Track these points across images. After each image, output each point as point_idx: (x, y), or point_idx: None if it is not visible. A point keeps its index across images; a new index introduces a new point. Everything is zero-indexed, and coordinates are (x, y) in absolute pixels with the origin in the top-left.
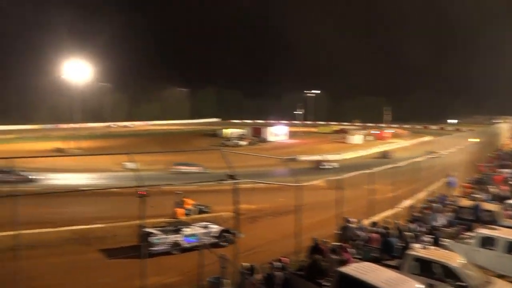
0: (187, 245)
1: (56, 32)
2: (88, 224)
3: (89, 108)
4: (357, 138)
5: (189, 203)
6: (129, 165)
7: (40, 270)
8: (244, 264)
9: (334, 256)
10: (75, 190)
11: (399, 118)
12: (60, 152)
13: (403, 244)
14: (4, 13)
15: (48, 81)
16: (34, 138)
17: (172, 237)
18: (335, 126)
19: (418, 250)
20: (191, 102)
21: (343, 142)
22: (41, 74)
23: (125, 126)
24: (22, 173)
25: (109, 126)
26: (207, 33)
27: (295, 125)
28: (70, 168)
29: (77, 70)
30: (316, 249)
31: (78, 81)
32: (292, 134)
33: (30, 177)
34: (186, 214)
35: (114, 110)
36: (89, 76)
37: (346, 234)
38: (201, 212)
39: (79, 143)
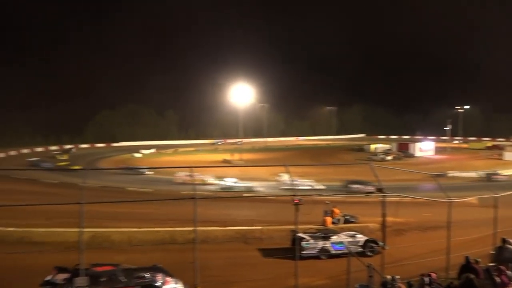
0: (334, 252)
1: (225, 60)
2: (249, 226)
3: (250, 125)
4: None
5: (337, 212)
6: (284, 176)
7: (211, 262)
8: (386, 276)
9: (493, 278)
10: (239, 196)
11: None
12: (227, 163)
13: None
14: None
15: (219, 103)
16: (207, 150)
17: (321, 243)
18: (488, 142)
19: None
20: (338, 119)
21: (498, 159)
22: (213, 97)
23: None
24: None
25: (265, 141)
26: (353, 54)
27: (443, 141)
28: (234, 176)
29: (241, 93)
30: (468, 268)
31: (242, 103)
32: (440, 150)
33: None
34: (334, 223)
35: (270, 127)
36: (251, 98)
37: (502, 256)
38: (347, 222)
39: (242, 155)
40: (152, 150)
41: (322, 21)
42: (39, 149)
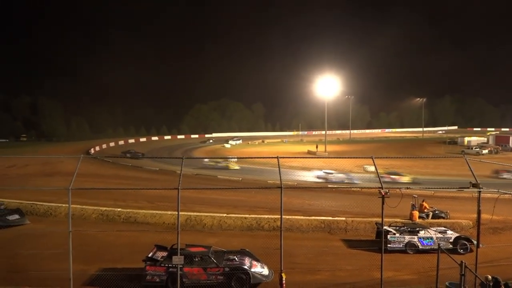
0: (422, 247)
1: (310, 54)
2: (333, 216)
3: (336, 117)
4: None
5: (426, 207)
6: (370, 168)
7: (295, 249)
8: (488, 276)
9: None
10: (324, 187)
11: None
12: (311, 154)
13: None
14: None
15: (304, 95)
16: (293, 142)
17: (408, 237)
18: None
19: None
20: (428, 110)
21: None
22: (299, 90)
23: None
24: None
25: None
26: (444, 42)
27: None
28: (319, 167)
29: (327, 85)
30: None
31: (327, 95)
32: None
33: None
34: (422, 218)
35: (356, 119)
36: (336, 90)
37: None
38: (436, 217)
39: (327, 147)
40: (239, 141)
41: (408, 10)
42: (143, 139)
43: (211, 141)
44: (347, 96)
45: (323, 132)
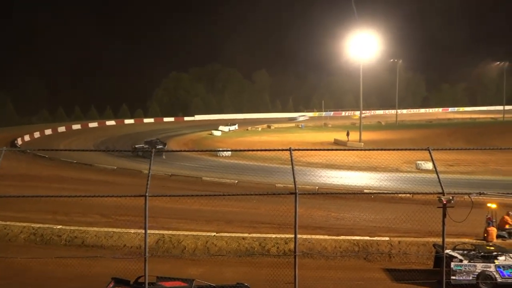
0: (502, 280)
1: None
2: (371, 235)
3: (376, 91)
4: None
5: (510, 221)
6: (425, 165)
7: (317, 283)
8: None
9: None
10: (356, 193)
11: None
12: (339, 145)
13: None
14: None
15: (329, 59)
16: (312, 128)
17: (481, 266)
18: None
19: None
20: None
21: None
22: (322, 52)
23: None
24: None
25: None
26: None
27: None
28: (350, 164)
29: (363, 45)
30: None
31: (363, 59)
32: None
33: None
34: (501, 237)
35: (406, 94)
36: (377, 52)
37: None
38: None
39: (362, 134)
40: (234, 127)
41: None
42: (93, 125)
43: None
44: (393, 60)
45: (357, 113)
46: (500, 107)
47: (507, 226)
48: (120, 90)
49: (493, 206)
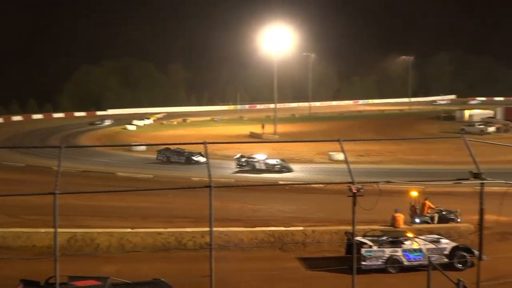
0: (408, 263)
1: None
2: (286, 226)
3: (290, 84)
4: None
5: (431, 206)
6: (337, 155)
7: (234, 275)
8: None
9: None
10: (271, 184)
11: None
12: (255, 138)
13: None
14: None
15: (245, 53)
16: (229, 121)
17: (389, 251)
18: None
19: None
20: (417, 74)
21: None
22: (237, 46)
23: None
24: None
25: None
26: None
27: None
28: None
29: (277, 39)
30: None
31: (277, 53)
32: None
33: None
34: (427, 222)
35: (318, 86)
36: (290, 46)
37: None
38: (445, 220)
39: (277, 127)
40: (150, 121)
41: None
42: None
43: (106, 121)
44: (306, 53)
45: (272, 106)
46: (407, 99)
47: (428, 211)
48: (26, 84)
49: (415, 194)
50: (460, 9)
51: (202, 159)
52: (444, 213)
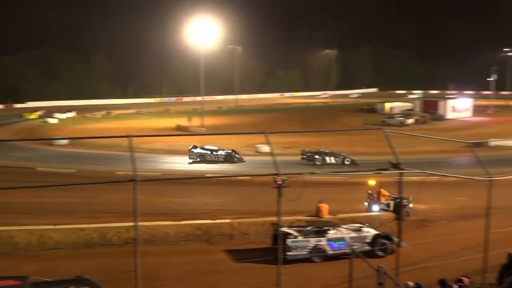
0: (332, 252)
1: None
2: (212, 219)
3: (217, 77)
4: None
5: (386, 194)
6: (263, 148)
7: (160, 270)
8: (408, 282)
9: None
10: (198, 177)
11: None
12: (181, 131)
13: None
14: None
15: (170, 45)
16: (155, 114)
17: (313, 241)
18: None
19: None
20: (340, 67)
21: None
22: (163, 38)
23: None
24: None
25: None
26: None
27: (486, 97)
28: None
29: (203, 32)
30: (511, 268)
31: (204, 45)
32: (480, 110)
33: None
34: (384, 210)
35: (245, 79)
36: (216, 39)
37: None
38: (397, 206)
39: (203, 119)
40: (72, 114)
41: None
42: None
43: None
44: (232, 46)
45: (199, 99)
46: (332, 92)
47: (383, 199)
48: None
49: (372, 182)
50: (381, 4)
51: (242, 157)
52: (398, 200)
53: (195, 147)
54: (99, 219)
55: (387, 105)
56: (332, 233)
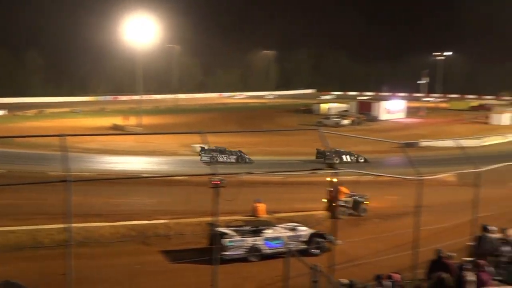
0: (269, 251)
1: None
2: (148, 219)
3: (154, 76)
4: (505, 117)
5: (346, 192)
6: (200, 147)
7: (95, 272)
8: (342, 280)
9: (468, 276)
10: (134, 177)
11: None
12: (117, 130)
13: None
14: None
15: (106, 43)
16: (91, 113)
17: (250, 240)
18: (473, 100)
19: None
20: (278, 68)
21: (485, 123)
22: (98, 34)
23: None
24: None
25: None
26: None
27: (418, 99)
28: (128, 149)
29: (140, 29)
30: (439, 264)
31: (140, 43)
32: (413, 111)
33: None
34: (344, 207)
35: (182, 78)
36: (153, 37)
37: (483, 247)
38: (356, 204)
39: (140, 119)
40: (1, 112)
41: None
42: None
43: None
44: (170, 45)
45: (136, 98)
46: (269, 92)
47: (343, 197)
48: None
49: (334, 180)
50: (319, 6)
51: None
52: (356, 197)
53: (203, 148)
54: (30, 221)
55: (323, 106)
56: (269, 233)
